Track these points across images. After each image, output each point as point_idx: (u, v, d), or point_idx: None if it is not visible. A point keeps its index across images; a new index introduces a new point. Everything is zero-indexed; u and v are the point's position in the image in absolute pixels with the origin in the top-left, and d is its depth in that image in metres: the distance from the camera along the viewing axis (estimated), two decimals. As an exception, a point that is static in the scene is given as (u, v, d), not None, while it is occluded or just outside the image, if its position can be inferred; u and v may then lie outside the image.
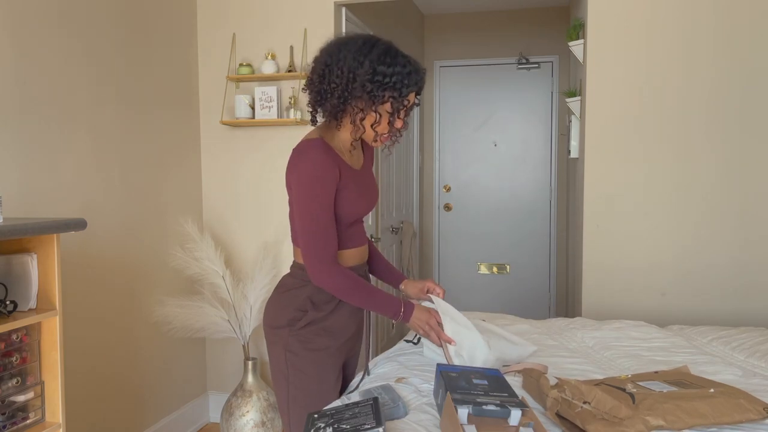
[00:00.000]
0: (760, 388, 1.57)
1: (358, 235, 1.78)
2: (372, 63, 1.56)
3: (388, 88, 1.57)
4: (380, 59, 1.57)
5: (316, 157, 1.59)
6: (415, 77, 1.60)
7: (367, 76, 1.56)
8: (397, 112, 1.61)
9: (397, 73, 1.57)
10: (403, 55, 1.61)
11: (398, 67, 1.57)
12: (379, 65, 1.56)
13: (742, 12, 2.69)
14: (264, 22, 3.23)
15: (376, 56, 1.57)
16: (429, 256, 5.48)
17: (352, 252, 1.75)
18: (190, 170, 3.27)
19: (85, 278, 2.52)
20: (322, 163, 1.59)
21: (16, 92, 2.19)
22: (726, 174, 2.74)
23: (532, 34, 5.14)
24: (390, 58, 1.58)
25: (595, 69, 2.85)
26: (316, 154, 1.59)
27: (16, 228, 1.56)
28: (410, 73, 1.59)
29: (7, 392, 1.67)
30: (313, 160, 1.59)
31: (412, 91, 1.62)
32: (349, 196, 1.66)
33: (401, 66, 1.58)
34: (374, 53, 1.57)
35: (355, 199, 1.68)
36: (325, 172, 1.59)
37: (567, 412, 1.31)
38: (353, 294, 1.65)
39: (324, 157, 1.59)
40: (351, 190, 1.67)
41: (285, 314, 1.70)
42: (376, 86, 1.56)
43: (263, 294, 3.02)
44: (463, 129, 5.36)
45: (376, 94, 1.57)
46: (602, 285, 2.88)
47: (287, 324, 1.69)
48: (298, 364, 1.68)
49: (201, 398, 3.38)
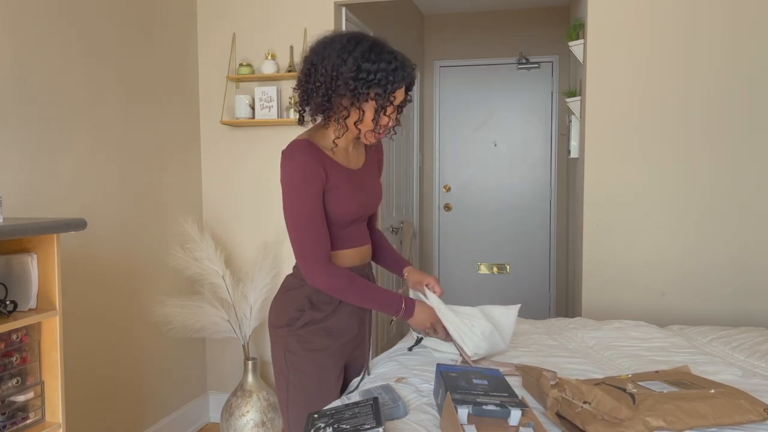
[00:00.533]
0: (760, 388, 1.57)
1: (356, 236, 1.75)
2: (356, 60, 1.53)
3: (372, 85, 1.54)
4: (364, 56, 1.54)
5: (299, 157, 1.58)
6: (401, 73, 1.56)
7: (350, 74, 1.53)
8: (383, 110, 1.58)
9: (382, 69, 1.54)
10: (389, 50, 1.58)
11: (383, 63, 1.54)
12: (363, 62, 1.53)
13: (743, 12, 2.69)
14: (264, 22, 3.22)
15: (360, 53, 1.54)
16: (429, 256, 5.48)
17: (349, 252, 1.73)
18: (190, 170, 3.27)
19: (85, 278, 2.52)
20: (305, 164, 1.58)
21: (16, 92, 2.19)
22: (726, 174, 2.74)
23: (532, 34, 5.14)
24: (375, 54, 1.54)
25: (595, 69, 2.85)
26: (300, 154, 1.58)
27: (16, 228, 1.56)
28: (396, 69, 1.55)
29: (7, 392, 1.67)
30: (297, 161, 1.58)
31: (399, 87, 1.58)
32: (340, 196, 1.64)
33: (386, 62, 1.54)
34: (358, 50, 1.54)
35: (346, 200, 1.66)
36: (308, 172, 1.58)
37: (567, 412, 1.31)
38: (350, 292, 1.64)
39: (307, 158, 1.58)
40: (342, 190, 1.64)
41: (285, 314, 1.70)
42: (360, 84, 1.53)
43: (263, 294, 3.02)
44: (463, 129, 5.36)
45: (360, 91, 1.54)
46: (602, 285, 2.88)
47: (287, 323, 1.69)
48: (297, 363, 1.68)
49: (201, 398, 3.38)
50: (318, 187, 1.60)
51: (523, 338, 2.12)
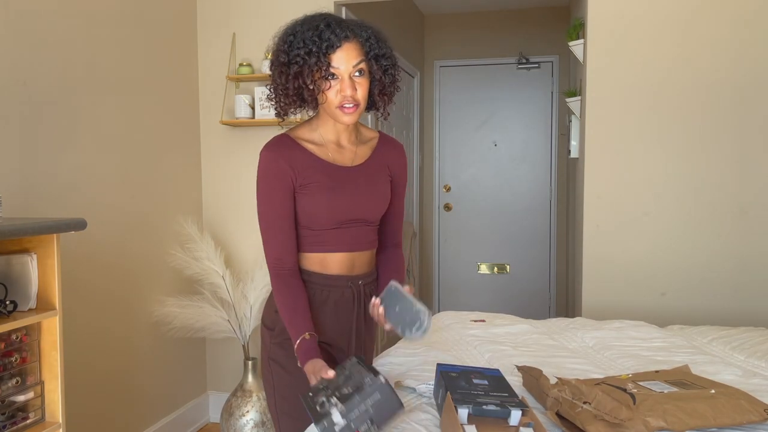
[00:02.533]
0: (760, 389, 1.57)
1: (348, 240, 1.60)
2: (286, 33, 1.49)
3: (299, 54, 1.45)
4: (294, 27, 1.48)
5: (263, 154, 1.55)
6: (328, 34, 1.44)
7: (284, 47, 1.48)
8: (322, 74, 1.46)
9: (305, 35, 1.45)
10: (325, 16, 1.49)
11: (308, 30, 1.46)
12: (289, 35, 1.48)
13: (743, 11, 2.69)
14: (264, 22, 3.22)
15: (291, 26, 1.49)
16: (429, 256, 5.48)
17: (334, 258, 1.59)
18: (190, 170, 3.27)
19: (85, 278, 2.52)
20: (268, 160, 1.54)
21: (16, 93, 2.19)
22: (726, 174, 2.74)
23: (532, 34, 5.14)
24: (303, 24, 1.48)
25: (595, 69, 2.85)
26: (265, 151, 1.55)
27: (16, 228, 1.56)
28: (327, 27, 1.45)
29: (7, 392, 1.67)
30: (261, 158, 1.55)
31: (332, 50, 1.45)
32: (316, 193, 1.54)
33: (312, 29, 1.45)
34: (292, 24, 1.50)
35: (324, 194, 1.54)
36: (270, 169, 1.53)
37: (567, 412, 1.31)
38: (284, 311, 1.55)
39: (271, 155, 1.54)
40: (320, 184, 1.54)
41: (269, 314, 1.67)
42: (295, 53, 1.46)
43: (263, 294, 3.02)
44: (463, 129, 5.36)
45: (295, 62, 1.46)
46: (602, 285, 2.88)
47: (270, 325, 1.65)
48: (281, 372, 1.63)
49: (201, 398, 3.38)
50: (279, 184, 1.53)
51: (523, 338, 2.12)
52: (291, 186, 1.54)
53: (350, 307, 1.64)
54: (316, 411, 1.23)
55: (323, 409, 1.21)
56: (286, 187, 1.54)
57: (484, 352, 1.96)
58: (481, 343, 2.04)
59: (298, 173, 1.54)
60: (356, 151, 1.63)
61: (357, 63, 1.48)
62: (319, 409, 1.22)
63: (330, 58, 1.45)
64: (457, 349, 1.99)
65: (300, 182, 1.54)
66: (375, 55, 1.52)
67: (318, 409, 1.22)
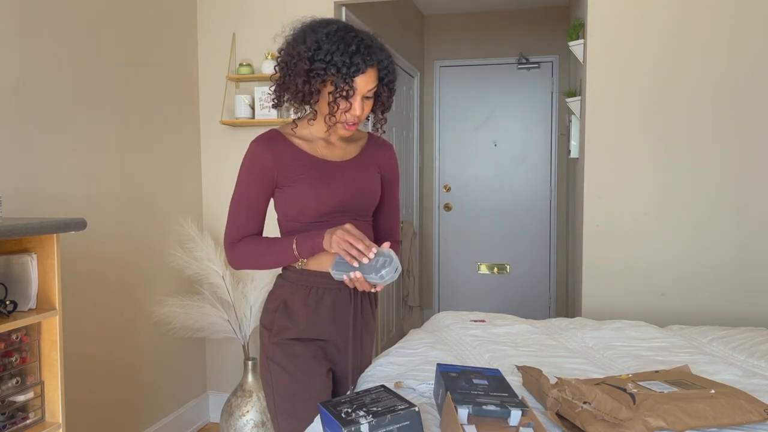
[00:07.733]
0: (760, 389, 1.57)
1: None
2: (317, 40, 1.50)
3: (329, 66, 1.48)
4: (328, 36, 1.50)
5: (251, 146, 1.62)
6: (361, 58, 1.48)
7: (308, 53, 1.49)
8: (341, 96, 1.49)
9: (341, 51, 1.47)
10: (355, 35, 1.51)
11: (343, 45, 1.48)
12: (324, 43, 1.49)
13: (743, 11, 2.69)
14: (264, 22, 3.22)
15: (324, 34, 1.50)
16: (429, 256, 5.48)
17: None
18: (190, 170, 3.27)
19: (85, 278, 2.52)
20: (254, 153, 1.61)
21: (16, 93, 2.19)
22: (726, 174, 2.74)
23: (532, 34, 5.14)
24: (338, 36, 1.49)
25: (595, 69, 2.85)
26: (255, 143, 1.62)
27: (16, 228, 1.56)
28: (356, 53, 1.48)
29: (7, 392, 1.67)
30: (248, 149, 1.62)
31: (359, 73, 1.49)
32: (304, 184, 1.58)
33: (346, 45, 1.48)
34: (322, 31, 1.51)
35: (312, 189, 1.58)
36: (254, 160, 1.60)
37: (567, 412, 1.31)
38: (257, 256, 1.62)
39: (259, 148, 1.61)
40: (307, 178, 1.58)
41: (267, 313, 1.69)
42: (317, 65, 1.48)
43: (263, 294, 3.02)
44: (463, 129, 5.36)
45: (316, 72, 1.49)
46: (602, 285, 2.88)
47: (268, 326, 1.66)
48: (279, 372, 1.63)
49: (201, 398, 3.38)
50: (257, 175, 1.61)
51: (523, 338, 2.12)
52: (271, 181, 1.62)
53: (347, 306, 1.67)
54: (341, 417, 1.24)
55: (350, 417, 1.23)
56: (266, 181, 1.61)
57: (484, 352, 1.96)
58: (481, 343, 2.04)
59: (281, 169, 1.60)
60: (346, 148, 1.70)
61: (372, 88, 1.56)
62: (344, 416, 1.24)
63: (353, 80, 1.51)
64: (457, 349, 1.99)
65: (283, 177, 1.60)
66: (387, 81, 1.60)
67: (344, 416, 1.24)
